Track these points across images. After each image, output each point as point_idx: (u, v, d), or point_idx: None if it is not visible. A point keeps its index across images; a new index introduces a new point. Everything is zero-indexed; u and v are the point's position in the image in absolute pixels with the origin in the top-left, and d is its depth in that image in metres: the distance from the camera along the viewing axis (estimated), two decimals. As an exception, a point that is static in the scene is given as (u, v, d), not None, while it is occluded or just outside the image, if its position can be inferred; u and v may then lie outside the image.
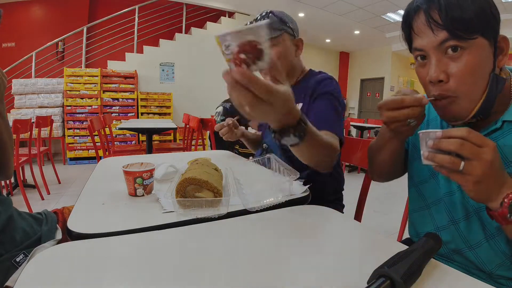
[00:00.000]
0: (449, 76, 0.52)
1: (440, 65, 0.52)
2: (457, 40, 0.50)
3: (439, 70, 0.52)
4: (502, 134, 0.56)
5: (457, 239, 0.64)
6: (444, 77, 0.52)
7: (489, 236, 0.59)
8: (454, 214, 0.64)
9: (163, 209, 0.65)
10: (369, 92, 8.62)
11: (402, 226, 1.29)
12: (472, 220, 0.61)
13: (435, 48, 0.52)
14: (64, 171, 3.92)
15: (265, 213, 0.66)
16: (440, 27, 0.51)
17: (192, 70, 5.50)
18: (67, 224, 0.57)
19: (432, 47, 0.53)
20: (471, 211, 0.61)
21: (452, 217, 0.64)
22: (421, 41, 0.54)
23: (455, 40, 0.50)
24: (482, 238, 0.60)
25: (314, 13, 5.67)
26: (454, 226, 0.64)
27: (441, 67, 0.52)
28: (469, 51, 0.51)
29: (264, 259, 0.48)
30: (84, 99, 4.54)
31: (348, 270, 0.45)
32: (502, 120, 0.56)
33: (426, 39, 0.53)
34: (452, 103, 0.54)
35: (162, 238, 0.54)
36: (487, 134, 0.58)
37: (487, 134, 0.58)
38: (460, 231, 0.63)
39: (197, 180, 0.65)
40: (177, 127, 3.53)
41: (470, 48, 0.50)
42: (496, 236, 0.58)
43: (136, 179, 0.71)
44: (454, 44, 0.50)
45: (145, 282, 0.41)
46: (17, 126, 2.41)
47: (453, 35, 0.50)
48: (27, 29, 5.39)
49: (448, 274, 0.44)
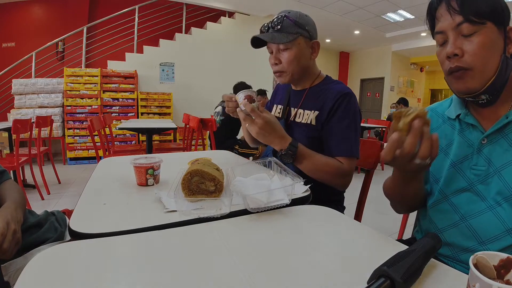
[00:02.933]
0: (463, 52, 0.60)
1: (456, 43, 0.61)
2: (470, 23, 0.59)
3: (455, 46, 0.61)
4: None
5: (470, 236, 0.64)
6: (459, 51, 0.60)
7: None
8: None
9: (165, 208, 0.66)
10: (369, 92, 8.62)
11: (402, 226, 1.29)
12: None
13: (453, 29, 0.61)
14: (64, 171, 3.92)
15: (265, 213, 0.66)
16: (457, 13, 0.60)
17: (192, 70, 5.50)
18: (69, 224, 0.57)
19: (450, 28, 0.61)
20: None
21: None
22: (442, 24, 0.63)
23: (468, 23, 0.59)
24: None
25: (314, 13, 5.62)
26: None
27: (457, 44, 0.61)
28: (480, 33, 0.59)
29: (265, 259, 0.48)
30: (84, 99, 4.54)
31: (348, 270, 0.45)
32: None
33: (446, 22, 0.62)
34: (466, 75, 0.61)
35: (163, 237, 0.54)
36: (501, 128, 0.62)
37: (500, 128, 0.62)
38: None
39: (200, 172, 0.69)
40: (177, 127, 3.53)
41: (481, 31, 0.59)
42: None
43: (148, 170, 0.81)
44: (467, 27, 0.59)
45: (145, 282, 0.41)
46: (17, 126, 2.41)
47: (466, 19, 0.59)
48: (27, 29, 5.39)
49: (448, 274, 0.44)
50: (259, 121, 0.88)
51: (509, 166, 0.60)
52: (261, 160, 0.95)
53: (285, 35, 1.01)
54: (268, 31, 1.04)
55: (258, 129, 0.89)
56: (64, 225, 0.91)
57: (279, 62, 1.06)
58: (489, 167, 0.63)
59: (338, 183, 0.98)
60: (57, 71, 4.92)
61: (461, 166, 0.67)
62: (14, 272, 0.69)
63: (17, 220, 0.70)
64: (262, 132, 0.89)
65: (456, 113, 0.70)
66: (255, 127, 0.89)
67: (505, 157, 0.61)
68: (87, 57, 5.08)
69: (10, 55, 5.12)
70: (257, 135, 0.90)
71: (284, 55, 1.04)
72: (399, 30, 6.57)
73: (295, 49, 1.03)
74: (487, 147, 0.64)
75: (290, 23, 1.02)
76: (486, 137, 0.64)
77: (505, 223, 0.59)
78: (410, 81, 8.52)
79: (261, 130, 0.89)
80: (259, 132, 0.89)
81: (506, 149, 0.61)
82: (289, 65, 1.05)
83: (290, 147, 0.91)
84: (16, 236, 0.67)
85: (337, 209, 0.70)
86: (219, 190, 0.71)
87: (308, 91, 1.10)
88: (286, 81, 1.09)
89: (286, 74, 1.07)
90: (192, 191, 0.70)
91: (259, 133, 0.89)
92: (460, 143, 0.69)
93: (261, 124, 0.88)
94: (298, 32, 1.02)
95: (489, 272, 0.36)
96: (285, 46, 1.03)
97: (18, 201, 0.78)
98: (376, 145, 1.14)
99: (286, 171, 0.79)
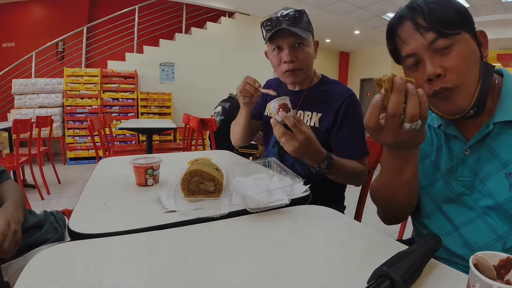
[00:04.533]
0: (445, 70, 0.55)
1: (434, 62, 0.56)
2: (444, 37, 0.54)
3: (435, 65, 0.55)
4: (494, 136, 0.58)
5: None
6: (441, 70, 0.55)
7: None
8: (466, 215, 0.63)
9: (164, 208, 0.66)
10: (369, 92, 8.61)
11: (402, 226, 1.29)
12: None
13: (426, 49, 0.56)
14: (64, 171, 3.92)
15: (265, 213, 0.66)
16: (427, 30, 0.55)
17: (192, 70, 5.49)
18: (69, 224, 0.57)
19: (423, 48, 0.56)
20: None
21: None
22: (411, 46, 0.58)
23: (442, 38, 0.54)
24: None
25: (314, 13, 5.63)
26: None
27: (436, 63, 0.56)
28: (457, 45, 0.55)
29: (264, 259, 0.48)
30: (84, 99, 4.54)
31: (348, 270, 0.45)
32: (493, 122, 0.58)
33: (416, 43, 0.57)
34: (453, 94, 0.57)
35: (162, 238, 0.54)
36: (482, 138, 0.59)
37: (482, 138, 0.59)
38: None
39: (199, 172, 0.69)
40: (177, 127, 3.53)
41: (457, 43, 0.55)
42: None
43: (147, 171, 0.81)
44: (443, 43, 0.55)
45: (145, 283, 0.41)
46: (17, 126, 2.41)
47: (440, 34, 0.54)
48: (27, 29, 5.39)
49: (448, 274, 0.44)
50: (300, 137, 0.76)
51: (493, 176, 0.58)
52: (261, 160, 0.95)
53: (305, 31, 0.96)
54: (281, 24, 0.94)
55: (297, 145, 0.76)
56: (63, 226, 0.91)
57: (296, 59, 0.98)
58: (474, 178, 0.61)
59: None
60: (57, 71, 4.91)
61: (447, 177, 0.65)
62: (14, 272, 0.69)
63: (17, 220, 0.70)
64: (301, 149, 0.77)
65: (438, 123, 0.67)
66: (294, 143, 0.76)
67: (488, 167, 0.59)
68: (87, 57, 5.07)
69: (10, 55, 5.11)
70: (295, 151, 0.78)
71: (302, 51, 0.98)
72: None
73: (310, 46, 1.00)
74: (471, 157, 0.61)
75: (307, 19, 0.98)
76: (468, 147, 0.61)
77: (496, 231, 0.58)
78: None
79: (300, 146, 0.76)
80: (297, 148, 0.77)
81: (489, 159, 0.59)
82: (306, 63, 1.00)
83: (328, 160, 0.85)
84: (17, 236, 0.67)
85: (337, 209, 0.70)
86: (218, 190, 0.71)
87: (308, 91, 1.08)
88: (299, 80, 1.05)
89: (302, 73, 1.02)
90: (192, 191, 0.70)
91: (298, 150, 0.77)
92: (446, 154, 0.66)
93: (302, 140, 0.76)
94: (310, 30, 0.99)
95: (489, 272, 0.36)
96: (305, 42, 0.97)
97: (19, 201, 0.78)
98: (376, 145, 1.14)
99: (286, 171, 0.79)
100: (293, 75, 1.01)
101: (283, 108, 0.77)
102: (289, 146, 0.78)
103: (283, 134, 0.77)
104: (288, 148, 0.78)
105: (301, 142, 0.76)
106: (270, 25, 0.97)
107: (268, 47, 1.05)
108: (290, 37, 0.96)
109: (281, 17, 0.95)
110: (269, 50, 1.06)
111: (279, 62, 1.01)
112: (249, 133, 1.18)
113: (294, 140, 0.76)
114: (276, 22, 0.95)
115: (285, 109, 0.77)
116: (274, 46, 1.01)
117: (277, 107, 0.77)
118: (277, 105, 0.77)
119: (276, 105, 0.77)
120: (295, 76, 1.02)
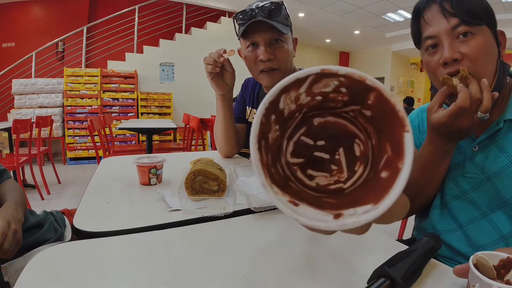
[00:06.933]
0: (463, 56, 0.56)
1: (453, 47, 0.56)
2: (466, 25, 0.55)
3: (453, 50, 0.56)
4: (503, 133, 0.59)
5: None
6: (459, 55, 0.56)
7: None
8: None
9: (168, 207, 0.66)
10: (369, 92, 8.61)
11: (402, 226, 1.29)
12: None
13: (447, 33, 0.57)
14: (64, 171, 3.92)
15: (267, 213, 0.66)
16: (451, 15, 0.56)
17: (192, 70, 5.48)
18: (73, 223, 0.57)
19: (445, 32, 0.57)
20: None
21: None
22: (434, 28, 0.58)
23: (465, 25, 0.55)
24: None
25: (314, 13, 5.67)
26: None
27: (455, 48, 0.56)
28: (477, 36, 0.55)
29: (267, 258, 0.48)
30: (84, 99, 4.54)
31: (348, 270, 0.45)
32: (504, 119, 0.58)
33: (439, 25, 0.58)
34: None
35: (165, 237, 0.54)
36: (491, 135, 0.60)
37: (491, 135, 0.60)
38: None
39: (203, 171, 0.69)
40: (177, 127, 3.53)
41: (478, 33, 0.55)
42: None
43: (151, 170, 0.81)
44: (464, 29, 0.55)
45: (147, 282, 0.41)
46: (17, 126, 2.41)
47: (463, 21, 0.55)
48: (27, 29, 5.39)
49: (448, 274, 0.44)
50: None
51: (501, 173, 0.59)
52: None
53: (283, 26, 0.84)
54: (257, 17, 0.82)
55: None
56: (63, 226, 0.91)
57: (273, 57, 0.87)
58: (481, 175, 0.61)
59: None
60: (57, 71, 4.91)
61: (453, 173, 0.66)
62: (14, 272, 0.69)
63: (18, 220, 0.70)
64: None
65: None
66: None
67: (496, 164, 0.59)
68: (87, 57, 5.07)
69: (10, 55, 5.11)
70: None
71: (280, 49, 0.86)
72: (399, 30, 6.57)
73: (288, 43, 0.88)
74: (479, 154, 0.62)
75: (285, 13, 0.85)
76: (477, 144, 0.62)
77: (499, 230, 0.59)
78: (410, 81, 8.52)
79: None
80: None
81: (498, 156, 0.59)
82: (284, 62, 0.88)
83: None
84: (17, 236, 0.67)
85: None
86: (222, 189, 0.71)
87: None
88: (276, 82, 1.01)
89: (280, 73, 0.89)
90: (195, 190, 0.70)
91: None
92: (454, 149, 0.66)
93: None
94: (288, 24, 0.88)
95: (489, 272, 0.36)
96: (283, 38, 0.86)
97: (19, 201, 0.78)
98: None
99: None
100: (270, 76, 0.90)
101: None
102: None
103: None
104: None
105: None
106: (244, 18, 0.84)
107: (242, 44, 0.92)
108: (266, 31, 0.84)
109: (256, 8, 0.83)
110: (242, 47, 0.93)
111: (254, 60, 0.90)
112: (235, 135, 1.06)
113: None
114: (250, 14, 0.83)
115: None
116: (249, 42, 0.89)
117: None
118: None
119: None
120: (272, 77, 0.90)
